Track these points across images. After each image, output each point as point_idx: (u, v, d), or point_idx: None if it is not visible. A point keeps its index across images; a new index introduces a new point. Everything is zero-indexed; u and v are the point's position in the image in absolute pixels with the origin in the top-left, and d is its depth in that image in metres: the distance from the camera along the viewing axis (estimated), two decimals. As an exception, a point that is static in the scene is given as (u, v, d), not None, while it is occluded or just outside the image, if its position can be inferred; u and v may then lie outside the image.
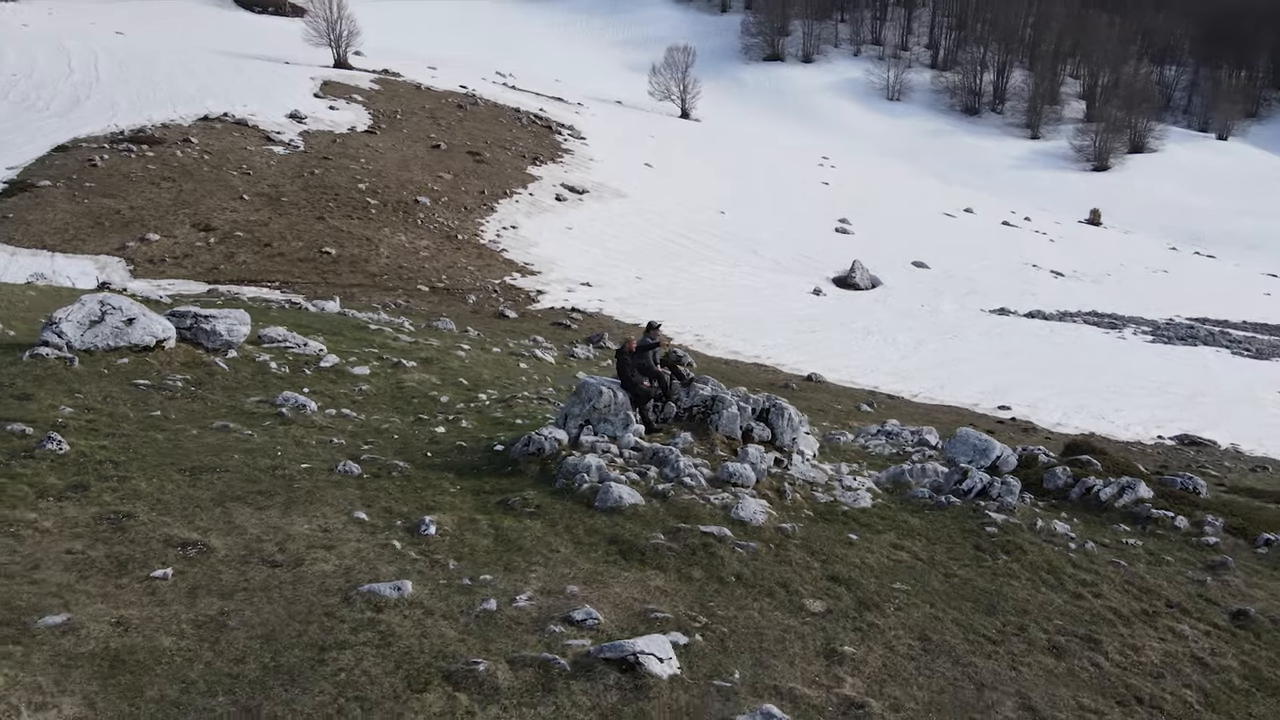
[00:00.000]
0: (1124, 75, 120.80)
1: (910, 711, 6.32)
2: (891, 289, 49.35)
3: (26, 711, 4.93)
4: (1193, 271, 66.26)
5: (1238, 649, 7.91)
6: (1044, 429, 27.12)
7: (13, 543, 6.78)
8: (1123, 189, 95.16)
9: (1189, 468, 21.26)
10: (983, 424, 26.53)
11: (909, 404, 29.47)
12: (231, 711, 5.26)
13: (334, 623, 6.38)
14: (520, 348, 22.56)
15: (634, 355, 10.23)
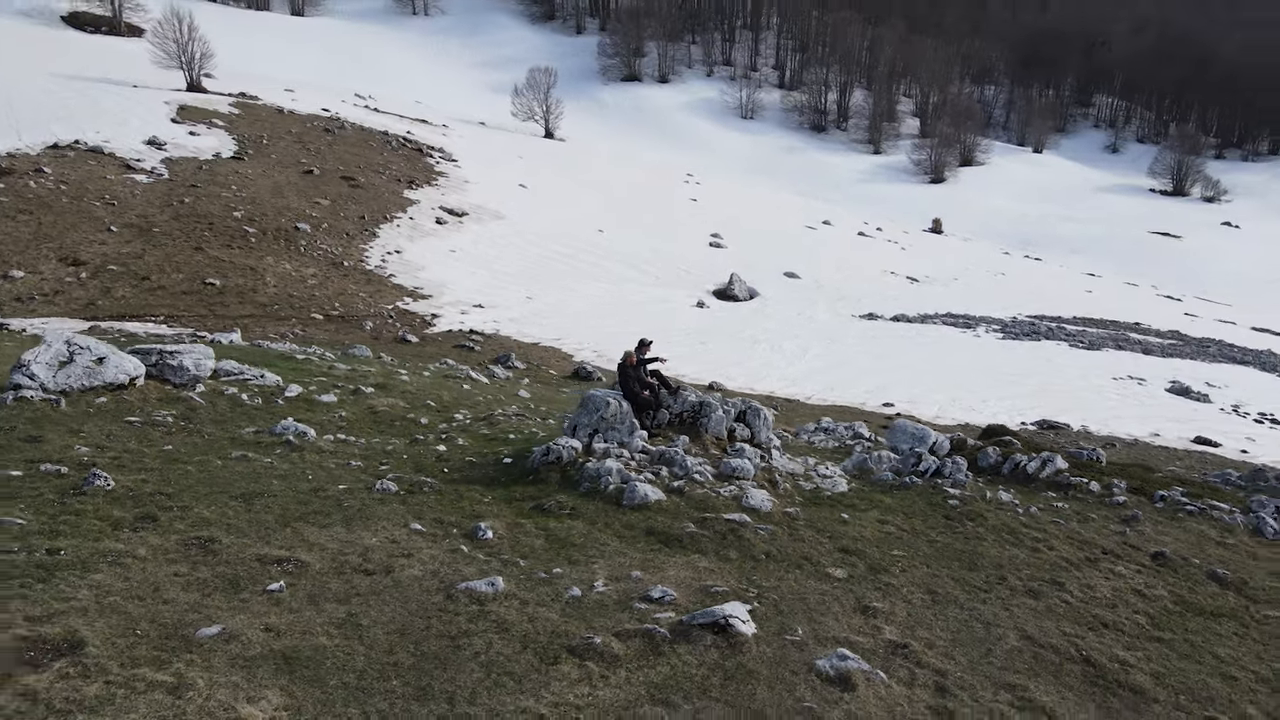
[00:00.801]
0: (950, 95, 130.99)
1: (941, 648, 7.59)
2: (768, 299, 52.01)
3: (241, 705, 5.46)
4: (1026, 273, 72.84)
5: (1164, 582, 9.66)
6: (927, 421, 29.71)
7: (121, 570, 7.07)
8: (958, 199, 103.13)
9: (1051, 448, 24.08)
10: (874, 420, 28.92)
11: (805, 406, 31.55)
12: (409, 691, 5.92)
13: (450, 616, 7.05)
14: (450, 370, 22.93)
15: (634, 368, 11.21)
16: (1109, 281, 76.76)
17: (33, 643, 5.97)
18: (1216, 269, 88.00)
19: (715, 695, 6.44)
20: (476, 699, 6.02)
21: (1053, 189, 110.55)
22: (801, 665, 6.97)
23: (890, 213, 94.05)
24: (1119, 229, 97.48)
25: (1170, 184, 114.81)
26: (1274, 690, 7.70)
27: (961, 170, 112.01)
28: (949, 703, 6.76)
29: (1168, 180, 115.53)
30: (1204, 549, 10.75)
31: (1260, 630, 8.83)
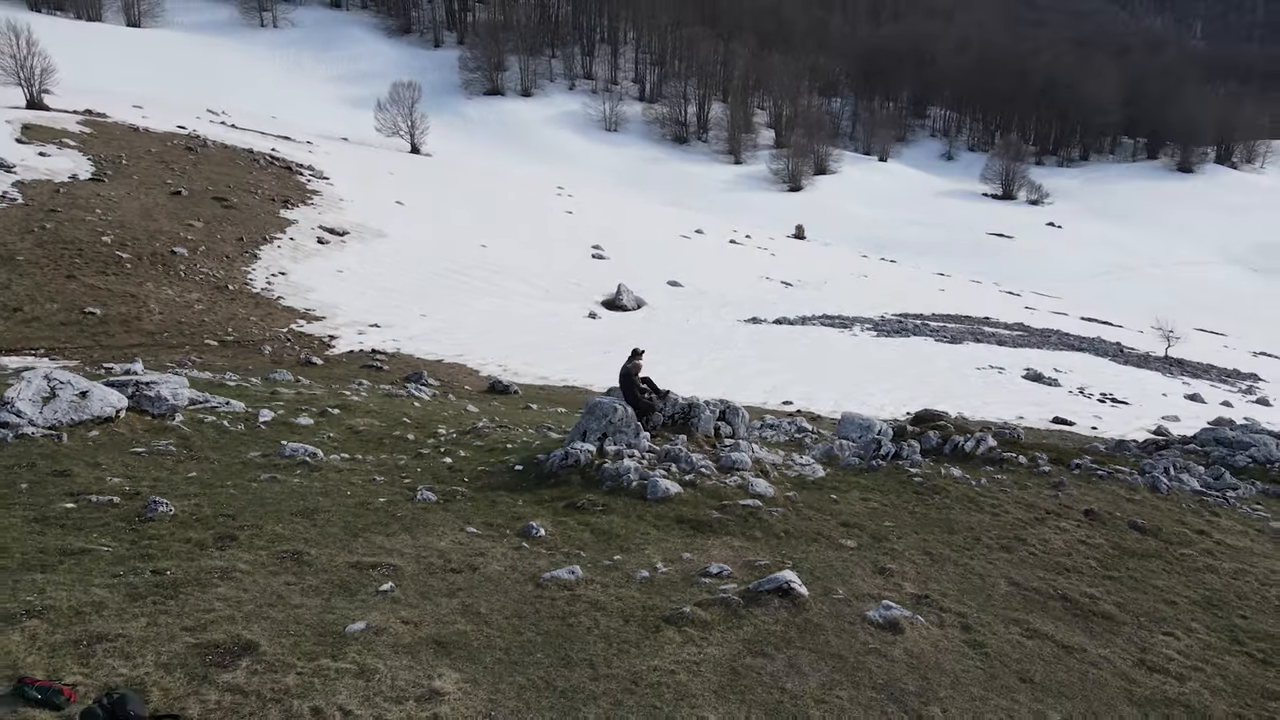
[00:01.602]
0: (800, 107, 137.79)
1: (954, 596, 8.98)
2: (656, 308, 53.70)
3: (427, 681, 6.16)
4: (885, 275, 77.88)
5: (1099, 533, 11.49)
6: (827, 416, 31.92)
7: (235, 583, 7.46)
8: (816, 206, 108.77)
9: (979, 430, 26.62)
10: (770, 413, 30.90)
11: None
12: (553, 661, 6.73)
13: (549, 600, 7.86)
14: (391, 391, 23.14)
15: (636, 376, 12.20)
16: (957, 280, 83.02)
17: (207, 648, 6.47)
18: (1045, 266, 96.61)
19: (797, 645, 7.56)
20: (611, 663, 6.91)
21: (899, 195, 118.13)
22: (855, 616, 8.19)
23: (755, 220, 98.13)
24: (959, 231, 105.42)
25: (1000, 189, 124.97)
26: (1205, 609, 9.52)
27: (817, 178, 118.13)
28: (976, 637, 8.14)
29: (997, 185, 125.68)
30: (1120, 505, 12.74)
31: (1181, 565, 10.74)
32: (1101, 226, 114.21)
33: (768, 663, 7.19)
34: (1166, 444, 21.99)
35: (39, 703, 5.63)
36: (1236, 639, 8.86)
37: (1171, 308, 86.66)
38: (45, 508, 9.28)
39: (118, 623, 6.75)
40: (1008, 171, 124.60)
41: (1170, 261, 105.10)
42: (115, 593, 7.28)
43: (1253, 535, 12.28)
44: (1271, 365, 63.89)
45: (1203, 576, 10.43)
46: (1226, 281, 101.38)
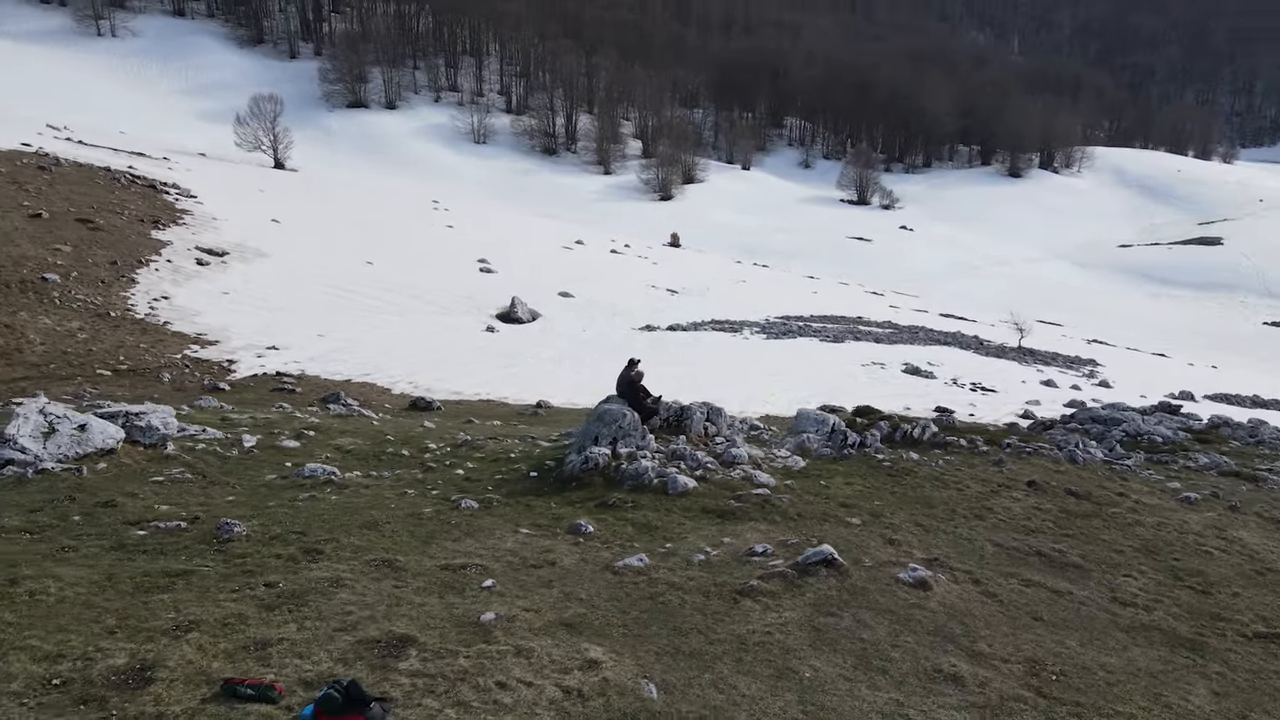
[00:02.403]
0: (664, 118, 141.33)
1: (956, 559, 10.47)
2: (551, 319, 54.39)
3: (582, 653, 7.06)
4: (761, 280, 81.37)
5: (1044, 500, 13.37)
6: (735, 414, 33.65)
7: (349, 590, 8.06)
8: (687, 214, 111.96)
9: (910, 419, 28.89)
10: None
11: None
12: (670, 631, 7.70)
13: (631, 584, 8.78)
14: (344, 412, 23.14)
15: (639, 383, 13.20)
16: (826, 282, 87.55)
17: (369, 644, 7.15)
18: (902, 266, 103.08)
19: (854, 605, 8.83)
20: (716, 630, 7.98)
21: (763, 202, 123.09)
22: (890, 579, 9.54)
23: (629, 229, 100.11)
24: (823, 235, 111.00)
25: (855, 195, 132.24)
26: (1145, 555, 11.43)
27: (687, 187, 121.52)
28: (987, 588, 9.64)
29: (853, 192, 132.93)
30: (1052, 476, 14.73)
31: (1115, 522, 12.70)
32: (947, 228, 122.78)
33: (838, 620, 8.41)
34: (1053, 424, 24.78)
35: (253, 699, 6.20)
36: (1177, 577, 10.76)
37: (1014, 302, 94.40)
38: (117, 536, 9.48)
39: (270, 629, 7.30)
40: (861, 178, 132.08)
41: (1009, 259, 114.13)
42: (246, 605, 7.78)
43: (1158, 495, 14.50)
44: (1104, 351, 70.79)
45: (1134, 530, 12.40)
46: (1057, 276, 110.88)
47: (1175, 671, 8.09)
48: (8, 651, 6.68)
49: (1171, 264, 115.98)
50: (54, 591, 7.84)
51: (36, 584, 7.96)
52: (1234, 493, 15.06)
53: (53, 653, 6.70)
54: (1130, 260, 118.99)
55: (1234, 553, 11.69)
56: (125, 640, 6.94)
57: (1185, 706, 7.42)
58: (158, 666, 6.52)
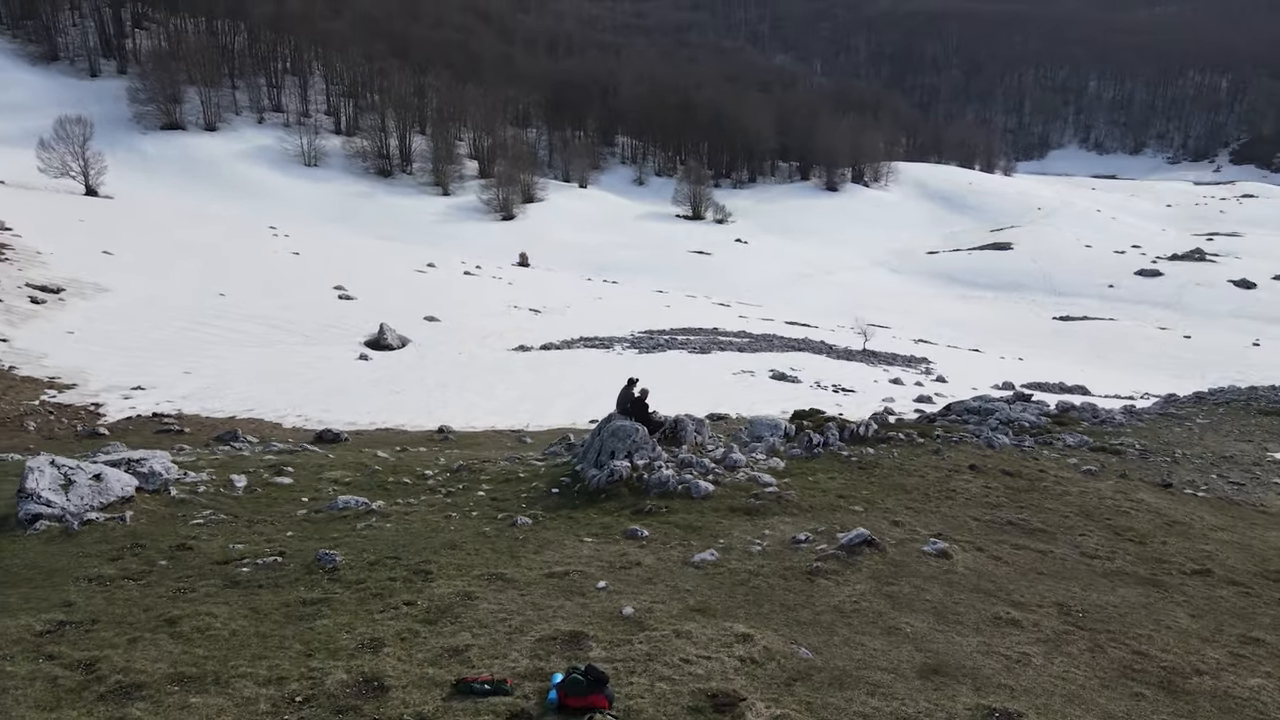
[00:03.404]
0: (498, 137, 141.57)
1: (953, 533, 12.32)
2: (422, 344, 53.84)
3: (736, 630, 8.29)
4: (615, 295, 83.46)
5: (990, 479, 15.62)
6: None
7: (489, 600, 8.89)
8: (532, 233, 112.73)
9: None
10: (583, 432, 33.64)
11: (542, 432, 34.91)
12: (779, 607, 9.08)
13: (718, 576, 9.99)
14: (287, 448, 22.77)
15: (645, 400, 14.27)
16: (675, 296, 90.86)
17: (548, 640, 8.11)
18: (742, 277, 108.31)
19: (903, 575, 10.44)
20: (813, 604, 9.34)
21: (604, 219, 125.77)
22: (917, 552, 11.26)
23: (477, 251, 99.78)
24: (664, 250, 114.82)
25: (690, 210, 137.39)
26: (1085, 519, 13.78)
27: (528, 207, 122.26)
28: (991, 554, 11.54)
29: (688, 207, 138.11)
30: (983, 460, 17.10)
31: (1048, 493, 15.08)
32: (778, 240, 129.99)
33: (899, 588, 10.02)
34: (936, 417, 27.76)
35: (489, 692, 7.04)
36: (1117, 533, 13.11)
37: (845, 307, 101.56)
38: (223, 575, 9.79)
39: (448, 639, 8.10)
40: (695, 194, 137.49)
41: (834, 268, 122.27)
42: (406, 621, 8.51)
43: (1066, 470, 17.16)
44: (930, 349, 77.62)
45: (1066, 499, 14.81)
46: (878, 282, 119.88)
47: (1156, 603, 10.22)
48: (231, 679, 7.16)
49: (973, 268, 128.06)
50: (220, 627, 8.22)
51: (198, 621, 8.31)
52: (1109, 464, 18.03)
53: (271, 676, 7.21)
54: (938, 265, 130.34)
55: (1145, 511, 14.29)
56: (327, 660, 7.52)
57: (1179, 626, 9.50)
58: (382, 677, 7.19)
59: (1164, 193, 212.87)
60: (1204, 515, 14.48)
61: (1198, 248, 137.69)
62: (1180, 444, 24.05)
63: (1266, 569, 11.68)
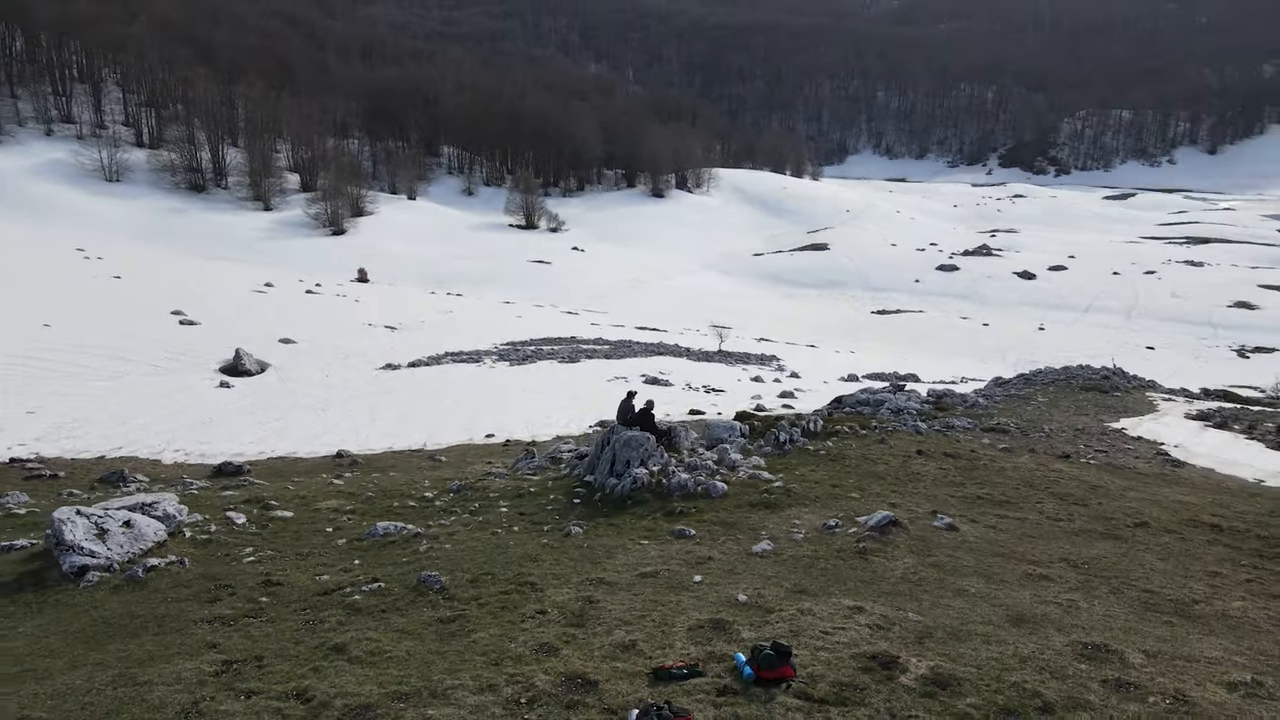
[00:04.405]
0: (318, 149, 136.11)
1: (942, 509, 14.30)
2: (282, 367, 51.56)
3: (840, 605, 9.66)
4: (465, 308, 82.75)
5: (939, 462, 17.78)
6: (523, 441, 35.68)
7: (617, 602, 9.86)
8: (366, 248, 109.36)
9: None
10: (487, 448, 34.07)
11: (445, 449, 34.64)
12: (861, 581, 10.56)
13: (786, 561, 11.35)
14: (247, 484, 21.96)
15: (650, 410, 15.21)
16: (522, 306, 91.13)
17: (702, 626, 9.22)
18: (582, 285, 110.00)
19: (932, 547, 12.15)
20: (884, 577, 10.82)
21: (438, 231, 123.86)
22: (931, 529, 12.99)
23: (311, 267, 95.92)
24: (503, 261, 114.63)
25: (524, 220, 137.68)
26: (1031, 489, 16.09)
27: (358, 220, 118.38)
28: (983, 524, 13.44)
29: (521, 217, 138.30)
30: (923, 445, 19.30)
31: (989, 469, 17.38)
32: (613, 247, 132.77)
33: (938, 558, 11.67)
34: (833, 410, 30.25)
35: (686, 676, 8.03)
36: (1062, 499, 15.46)
37: (685, 310, 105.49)
38: (339, 605, 10.13)
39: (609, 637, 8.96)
40: (527, 204, 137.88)
41: (669, 272, 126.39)
42: (551, 628, 9.27)
43: (987, 449, 19.70)
44: (772, 347, 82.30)
45: (1006, 474, 17.16)
46: (711, 284, 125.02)
47: (1130, 552, 12.43)
48: (446, 692, 7.71)
49: (796, 268, 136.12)
50: (389, 648, 8.69)
51: (366, 646, 8.69)
52: (1018, 443, 20.86)
53: (480, 685, 7.78)
54: (764, 266, 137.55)
55: (1068, 479, 16.87)
56: (519, 666, 8.17)
57: (1157, 568, 11.68)
58: (583, 675, 7.95)
59: (949, 194, 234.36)
60: (1108, 479, 17.25)
61: (984, 244, 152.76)
62: (1041, 420, 27.69)
63: (1183, 518, 14.31)
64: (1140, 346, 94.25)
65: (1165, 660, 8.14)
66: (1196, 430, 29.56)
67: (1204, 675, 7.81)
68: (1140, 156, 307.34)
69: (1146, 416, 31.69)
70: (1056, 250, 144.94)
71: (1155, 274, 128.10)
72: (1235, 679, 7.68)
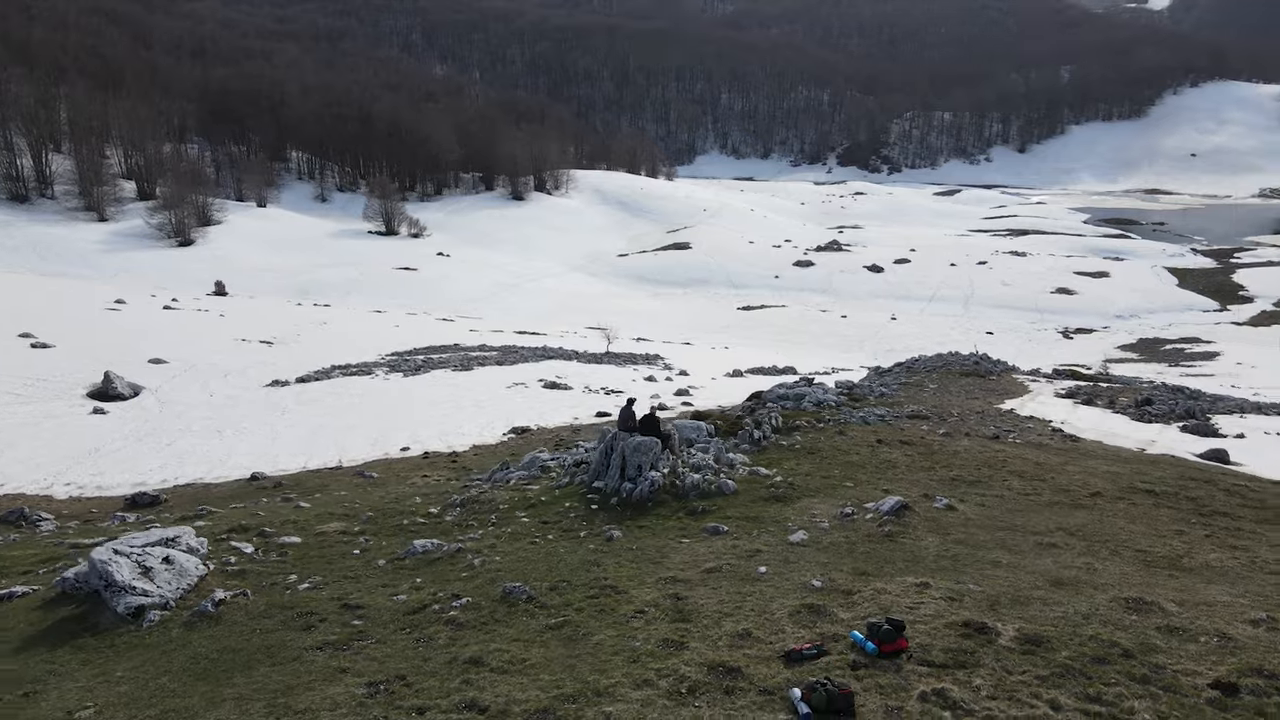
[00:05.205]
0: (152, 154, 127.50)
1: (931, 492, 15.81)
2: (159, 389, 48.52)
3: (906, 582, 10.87)
4: (338, 319, 80.00)
5: (901, 449, 19.37)
6: (442, 452, 35.47)
7: (700, 599, 10.80)
8: (220, 259, 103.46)
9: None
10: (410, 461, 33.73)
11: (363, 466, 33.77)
12: (906, 560, 11.85)
13: (826, 549, 12.53)
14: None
15: (656, 414, 15.92)
16: (396, 314, 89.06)
17: (799, 610, 10.23)
18: (453, 290, 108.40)
19: (945, 526, 13.60)
20: (922, 555, 11.89)
21: (295, 239, 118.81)
22: (933, 509, 14.33)
23: (159, 281, 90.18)
24: (368, 268, 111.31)
25: (384, 226, 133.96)
26: (991, 469, 17.89)
27: (208, 230, 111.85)
28: (973, 503, 14.97)
29: (380, 223, 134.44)
30: (879, 434, 20.92)
31: (945, 452, 19.14)
32: (479, 252, 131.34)
33: (957, 536, 13.01)
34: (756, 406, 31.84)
35: (814, 656, 8.97)
36: (1021, 476, 17.31)
37: (556, 312, 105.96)
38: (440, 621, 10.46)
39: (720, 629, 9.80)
40: (387, 209, 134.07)
41: (537, 275, 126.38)
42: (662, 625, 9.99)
43: (930, 435, 21.57)
44: (652, 346, 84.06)
45: (961, 456, 18.95)
46: (578, 286, 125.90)
47: (1103, 518, 14.20)
48: (609, 690, 8.30)
49: (660, 267, 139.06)
50: (522, 655, 9.19)
51: (500, 657, 9.08)
52: (954, 428, 22.95)
53: (636, 681, 8.34)
54: (630, 267, 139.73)
55: (1013, 458, 18.86)
56: (660, 661, 8.80)
57: (1134, 530, 13.39)
58: (724, 663, 8.69)
59: (796, 192, 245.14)
60: (1041, 456, 19.39)
61: (835, 240, 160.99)
62: (946, 405, 30.21)
63: (1122, 486, 16.42)
64: (981, 332, 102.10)
65: (1193, 607, 9.72)
66: (1070, 407, 33.05)
67: (1230, 616, 9.42)
68: (961, 155, 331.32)
69: (1025, 397, 34.99)
70: (899, 244, 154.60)
71: (986, 264, 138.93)
72: (1253, 617, 9.32)
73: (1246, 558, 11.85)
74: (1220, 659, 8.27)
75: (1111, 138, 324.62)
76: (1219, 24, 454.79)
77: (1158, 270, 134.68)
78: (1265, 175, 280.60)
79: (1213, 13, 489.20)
